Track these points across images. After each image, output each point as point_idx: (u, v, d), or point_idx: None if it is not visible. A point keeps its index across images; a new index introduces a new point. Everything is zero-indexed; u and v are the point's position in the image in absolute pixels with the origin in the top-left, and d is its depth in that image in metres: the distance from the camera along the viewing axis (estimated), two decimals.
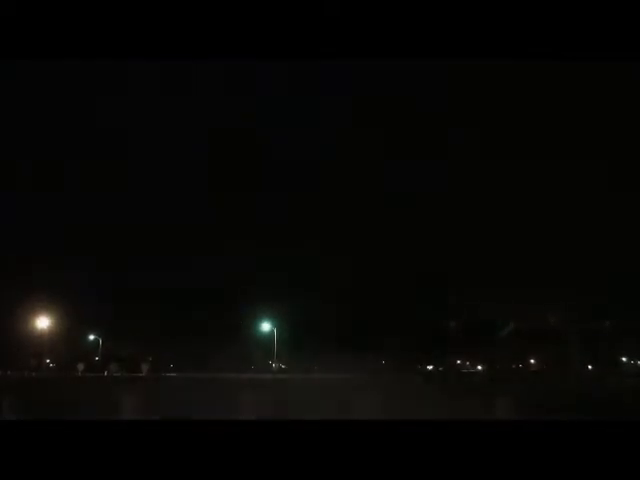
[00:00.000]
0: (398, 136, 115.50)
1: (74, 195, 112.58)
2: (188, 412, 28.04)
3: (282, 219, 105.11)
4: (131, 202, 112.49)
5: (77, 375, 73.10)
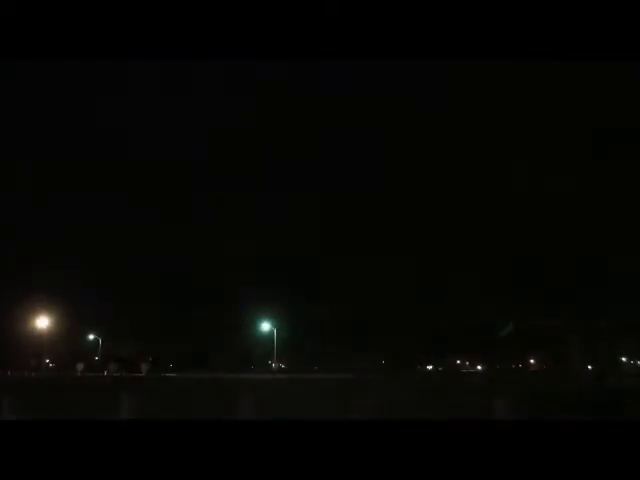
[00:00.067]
0: (398, 136, 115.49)
1: (74, 195, 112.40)
2: (188, 412, 28.03)
3: (282, 219, 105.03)
4: (131, 202, 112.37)
5: (76, 375, 73.02)
